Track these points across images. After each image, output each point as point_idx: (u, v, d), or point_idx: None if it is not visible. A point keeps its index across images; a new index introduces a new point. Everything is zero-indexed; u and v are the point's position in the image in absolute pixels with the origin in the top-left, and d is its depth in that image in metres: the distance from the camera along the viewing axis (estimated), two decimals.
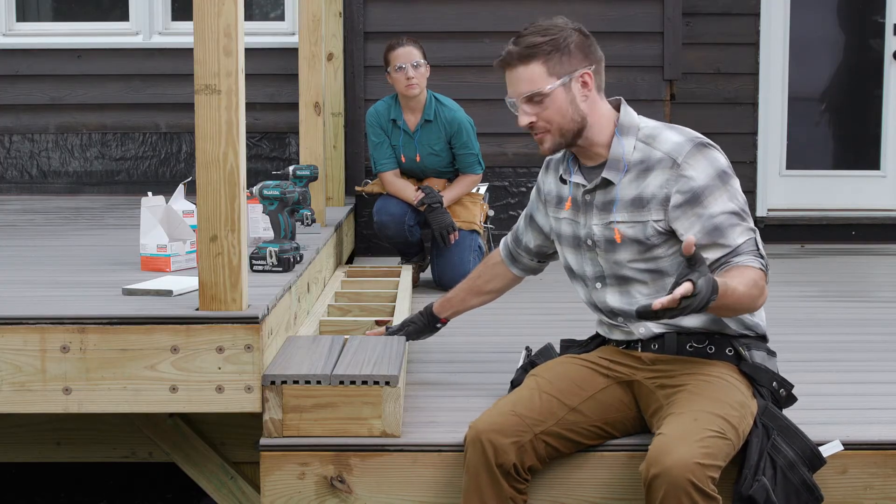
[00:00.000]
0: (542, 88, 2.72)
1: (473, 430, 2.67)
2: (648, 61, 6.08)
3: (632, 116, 2.80)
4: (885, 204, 6.85)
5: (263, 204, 3.61)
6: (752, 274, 2.62)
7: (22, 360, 2.81)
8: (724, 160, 2.72)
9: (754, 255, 2.65)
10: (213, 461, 3.36)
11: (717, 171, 2.68)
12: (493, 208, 5.76)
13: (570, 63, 2.73)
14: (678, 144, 2.71)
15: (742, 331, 2.78)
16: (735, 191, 2.70)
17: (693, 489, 2.41)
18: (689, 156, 2.68)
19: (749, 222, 2.69)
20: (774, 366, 2.79)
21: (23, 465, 4.42)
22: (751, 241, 2.67)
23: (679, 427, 2.53)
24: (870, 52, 6.86)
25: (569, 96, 2.73)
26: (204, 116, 2.77)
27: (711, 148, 2.72)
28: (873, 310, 4.75)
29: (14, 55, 6.58)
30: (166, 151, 6.59)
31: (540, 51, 2.72)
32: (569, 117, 2.74)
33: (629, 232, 2.74)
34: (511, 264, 3.19)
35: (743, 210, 2.69)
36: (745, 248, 2.66)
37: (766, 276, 2.65)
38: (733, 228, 2.66)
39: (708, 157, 2.69)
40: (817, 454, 2.65)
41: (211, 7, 2.74)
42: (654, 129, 2.77)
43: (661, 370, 2.77)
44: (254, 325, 2.80)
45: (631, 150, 2.75)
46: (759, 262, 2.65)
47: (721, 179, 2.68)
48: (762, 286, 2.63)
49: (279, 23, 6.68)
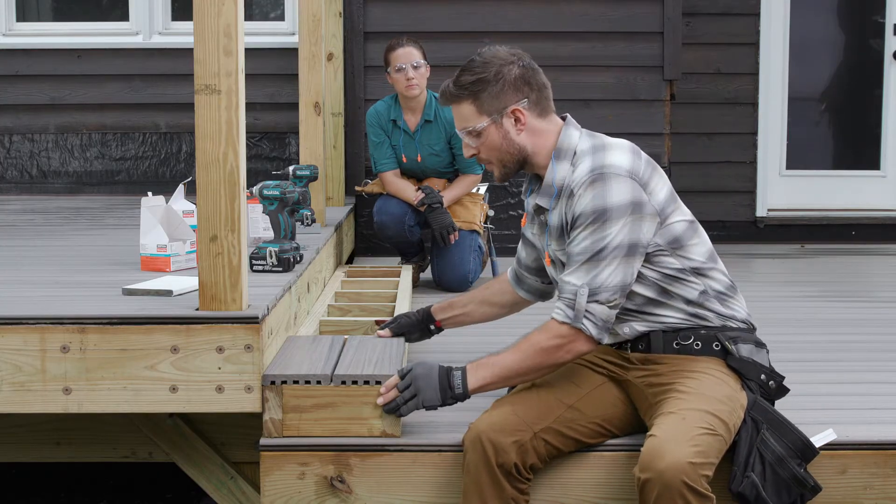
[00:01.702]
0: (473, 126, 2.77)
1: (473, 430, 2.67)
2: (648, 61, 6.07)
3: (571, 139, 2.78)
4: (885, 204, 6.85)
5: (263, 204, 3.61)
6: (538, 334, 2.68)
7: (22, 360, 2.81)
8: (616, 198, 2.63)
9: (565, 304, 2.64)
10: (213, 461, 3.36)
11: (595, 207, 2.63)
12: (493, 208, 5.75)
13: (500, 100, 2.75)
14: (581, 174, 2.70)
15: (723, 322, 2.78)
16: (603, 234, 2.62)
17: (687, 490, 2.42)
18: (581, 187, 2.67)
19: (597, 270, 2.62)
20: (763, 358, 2.78)
21: (23, 465, 4.42)
22: (571, 287, 2.63)
23: (668, 428, 2.54)
24: (870, 52, 6.87)
25: (500, 132, 2.76)
26: (204, 116, 2.77)
27: (610, 180, 2.64)
28: (873, 310, 4.76)
29: (14, 55, 6.58)
30: (166, 151, 6.59)
31: (469, 91, 2.76)
32: (504, 150, 2.78)
33: (562, 259, 2.78)
34: (517, 286, 3.13)
35: (598, 255, 2.62)
36: (565, 290, 2.66)
37: (572, 329, 2.63)
38: (573, 264, 2.66)
39: (597, 190, 2.65)
40: (809, 445, 2.65)
41: (211, 7, 2.74)
42: (583, 153, 2.75)
43: (649, 369, 2.78)
44: (254, 325, 2.80)
45: (563, 175, 2.75)
46: (565, 313, 2.64)
47: (594, 216, 2.63)
48: (555, 342, 2.65)
49: (279, 23, 6.68)
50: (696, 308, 2.76)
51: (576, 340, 2.65)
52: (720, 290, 2.78)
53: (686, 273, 2.74)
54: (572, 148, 2.77)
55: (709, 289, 2.77)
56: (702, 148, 6.52)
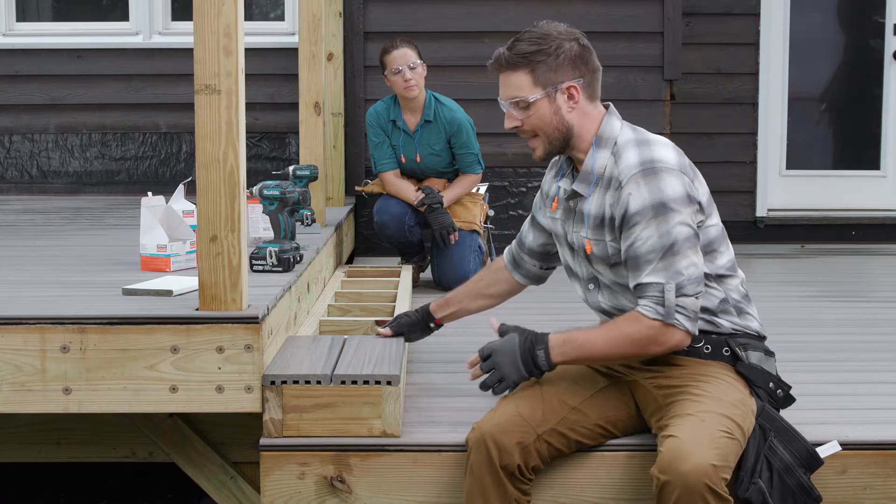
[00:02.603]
0: (525, 97, 2.72)
1: (477, 431, 2.67)
2: (648, 61, 6.07)
3: (612, 127, 2.76)
4: (885, 204, 6.85)
5: (263, 204, 3.61)
6: (627, 325, 2.64)
7: (22, 360, 2.81)
8: (674, 190, 2.62)
9: (653, 303, 2.61)
10: (213, 461, 3.37)
11: (654, 201, 2.61)
12: (493, 208, 5.75)
13: (558, 75, 2.72)
14: (628, 167, 2.67)
15: (733, 328, 2.78)
16: (668, 227, 2.60)
17: (708, 492, 2.42)
18: (632, 180, 2.64)
19: (672, 263, 2.60)
20: (772, 366, 2.79)
21: (23, 465, 4.42)
22: (656, 286, 2.60)
23: (689, 430, 2.52)
24: (870, 52, 6.87)
25: (553, 107, 2.72)
26: (204, 116, 2.77)
27: (662, 174, 2.63)
28: (873, 310, 4.75)
29: (14, 55, 6.58)
30: (166, 151, 6.59)
31: (527, 60, 2.71)
32: (553, 126, 2.73)
33: (595, 249, 2.75)
34: (514, 270, 3.14)
35: (669, 249, 2.60)
36: (648, 291, 2.62)
37: (665, 326, 2.60)
38: (646, 265, 2.62)
39: (651, 184, 2.62)
40: (815, 455, 2.64)
41: (211, 7, 2.74)
42: (624, 144, 2.72)
43: (658, 370, 2.77)
44: (254, 325, 2.80)
45: (603, 163, 2.73)
46: (655, 311, 2.61)
47: (654, 211, 2.61)
48: (646, 336, 2.62)
49: (279, 23, 6.68)
50: (711, 316, 2.75)
51: (669, 335, 2.62)
52: (738, 299, 2.78)
53: (710, 279, 2.72)
54: (613, 137, 2.75)
55: (728, 297, 2.76)
56: (702, 148, 6.50)
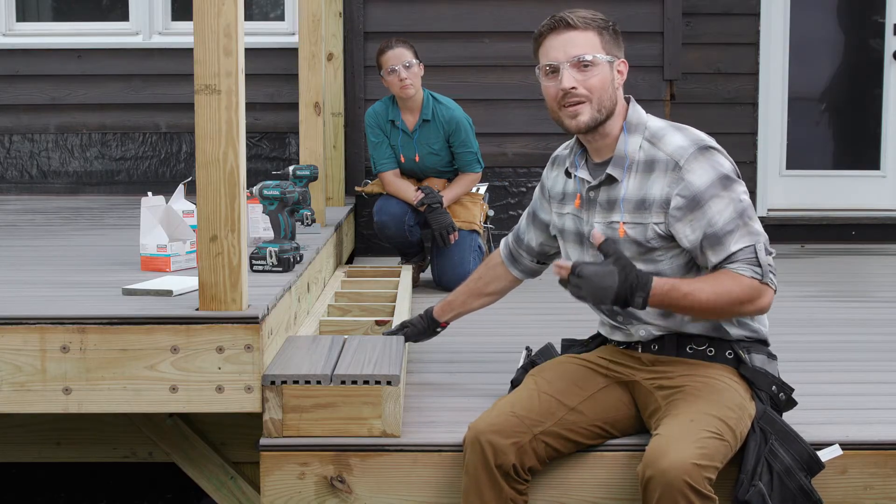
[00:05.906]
0: (594, 55, 2.72)
1: (472, 431, 2.67)
2: (648, 61, 6.07)
3: (640, 114, 2.80)
4: (884, 204, 6.85)
5: (263, 204, 3.61)
6: (730, 282, 2.62)
7: (22, 360, 2.81)
8: (728, 164, 2.70)
9: (748, 264, 2.64)
10: (213, 461, 3.36)
11: (719, 175, 2.66)
12: (493, 208, 5.76)
13: (616, 48, 2.78)
14: (681, 147, 2.69)
15: (743, 334, 2.78)
16: (737, 196, 2.67)
17: (689, 490, 2.41)
18: (691, 159, 2.67)
19: (751, 227, 2.66)
20: (775, 370, 2.79)
21: (23, 465, 4.42)
22: (748, 249, 2.64)
23: (676, 428, 2.53)
24: (870, 52, 6.87)
25: (610, 75, 2.75)
26: (204, 116, 2.77)
27: (715, 151, 2.70)
28: (873, 310, 4.75)
29: (14, 55, 6.58)
30: (166, 151, 6.59)
31: (597, 25, 2.76)
32: (608, 93, 2.74)
33: (631, 232, 2.74)
34: (511, 265, 3.17)
35: (744, 215, 2.66)
36: (741, 255, 2.64)
37: (761, 284, 2.63)
38: (730, 235, 2.65)
39: (710, 161, 2.68)
40: (816, 459, 2.64)
41: (211, 7, 2.74)
42: (660, 129, 2.76)
43: (660, 371, 2.77)
44: (254, 325, 2.80)
45: (636, 148, 2.75)
46: (752, 271, 2.63)
47: (722, 185, 2.66)
48: (747, 294, 2.62)
49: (279, 23, 6.68)
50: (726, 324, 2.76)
51: (764, 295, 2.64)
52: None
53: None
54: (643, 123, 2.77)
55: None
56: None
